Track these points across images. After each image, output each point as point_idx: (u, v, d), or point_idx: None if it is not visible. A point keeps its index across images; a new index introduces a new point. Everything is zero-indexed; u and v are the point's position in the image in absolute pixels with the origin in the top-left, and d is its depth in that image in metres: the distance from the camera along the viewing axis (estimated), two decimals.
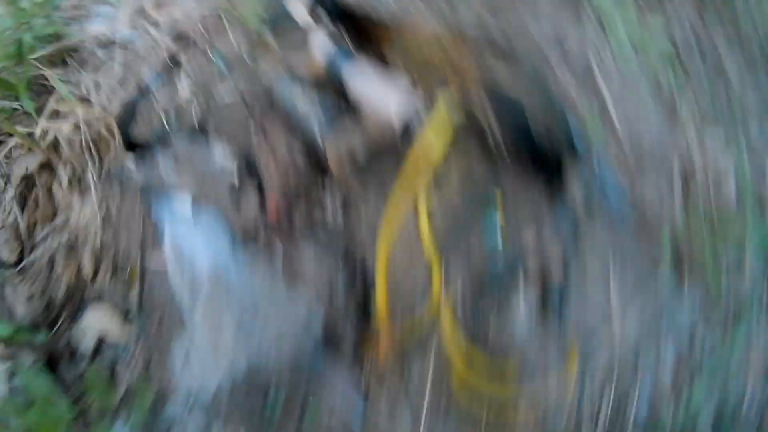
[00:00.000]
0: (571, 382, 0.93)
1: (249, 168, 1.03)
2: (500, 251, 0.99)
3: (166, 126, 1.14)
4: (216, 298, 0.91)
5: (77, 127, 1.12)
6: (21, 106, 1.12)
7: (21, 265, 1.07)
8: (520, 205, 1.01)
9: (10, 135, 1.11)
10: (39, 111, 1.13)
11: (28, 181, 1.11)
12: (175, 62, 1.04)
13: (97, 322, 1.04)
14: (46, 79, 1.16)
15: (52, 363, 1.02)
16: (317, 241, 0.96)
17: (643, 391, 0.95)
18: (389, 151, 1.00)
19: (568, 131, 0.99)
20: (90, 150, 1.12)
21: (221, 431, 0.99)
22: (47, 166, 1.13)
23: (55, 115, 1.14)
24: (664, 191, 1.04)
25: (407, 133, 0.98)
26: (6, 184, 1.08)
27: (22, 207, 1.09)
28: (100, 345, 1.05)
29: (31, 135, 1.11)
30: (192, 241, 0.94)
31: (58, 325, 1.05)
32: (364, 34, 1.08)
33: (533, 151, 0.97)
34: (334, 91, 1.06)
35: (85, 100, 1.15)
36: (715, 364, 0.97)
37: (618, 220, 1.00)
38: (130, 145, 1.05)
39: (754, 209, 1.01)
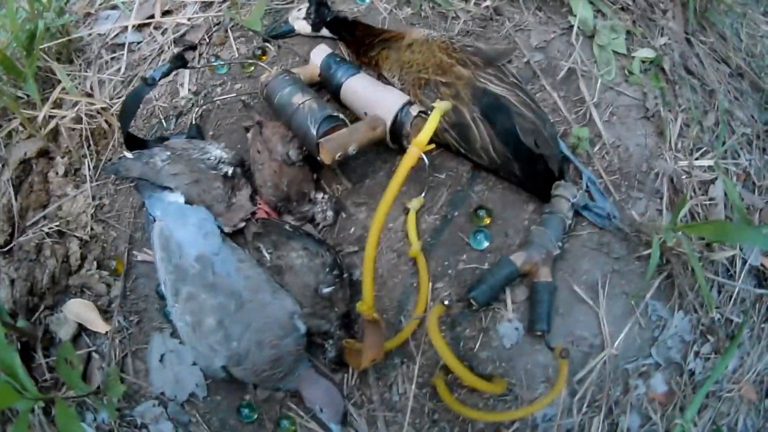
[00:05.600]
0: (561, 393, 0.90)
1: (242, 166, 1.03)
2: (487, 255, 0.98)
3: (164, 124, 1.16)
4: (199, 290, 0.88)
5: (79, 118, 1.13)
6: (27, 95, 1.14)
7: (8, 248, 1.06)
8: (507, 211, 1.01)
9: (10, 119, 1.12)
10: (43, 101, 1.14)
11: (25, 166, 1.11)
12: (177, 65, 1.06)
13: (78, 312, 1.01)
14: (53, 73, 1.18)
15: (28, 349, 0.99)
16: (305, 238, 0.95)
17: (635, 405, 0.92)
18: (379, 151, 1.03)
19: (555, 141, 1.00)
20: (89, 142, 1.14)
21: None
22: (45, 154, 1.14)
23: (58, 106, 1.15)
24: (652, 207, 1.04)
25: (398, 135, 0.99)
26: (3, 166, 1.09)
27: (17, 191, 1.09)
28: (79, 335, 1.02)
29: (32, 120, 1.12)
30: (181, 231, 0.93)
31: (38, 313, 1.03)
32: (358, 42, 1.11)
33: (520, 159, 0.97)
34: (328, 94, 1.10)
35: (88, 95, 1.17)
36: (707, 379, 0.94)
37: (607, 232, 0.99)
38: (129, 140, 1.06)
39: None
